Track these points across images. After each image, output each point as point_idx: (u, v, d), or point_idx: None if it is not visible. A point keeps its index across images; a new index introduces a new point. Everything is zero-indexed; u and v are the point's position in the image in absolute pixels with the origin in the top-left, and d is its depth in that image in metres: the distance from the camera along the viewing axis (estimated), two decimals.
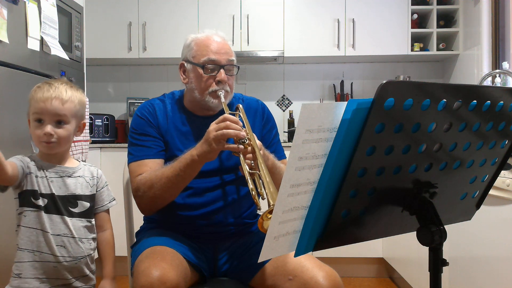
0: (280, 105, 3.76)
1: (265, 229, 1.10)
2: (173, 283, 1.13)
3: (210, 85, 1.43)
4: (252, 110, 1.55)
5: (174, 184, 1.33)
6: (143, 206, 1.43)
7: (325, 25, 3.36)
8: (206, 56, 1.43)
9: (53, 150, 1.27)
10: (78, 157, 2.42)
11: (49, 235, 1.25)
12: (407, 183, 0.81)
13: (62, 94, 1.26)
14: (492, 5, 2.97)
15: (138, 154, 1.43)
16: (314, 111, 0.67)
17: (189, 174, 1.32)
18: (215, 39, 1.46)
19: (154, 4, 3.38)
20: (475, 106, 0.77)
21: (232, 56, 1.47)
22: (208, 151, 1.26)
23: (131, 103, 3.48)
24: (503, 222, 1.64)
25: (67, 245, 1.27)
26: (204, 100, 1.44)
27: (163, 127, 1.46)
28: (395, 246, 2.83)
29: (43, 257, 1.25)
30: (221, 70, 1.42)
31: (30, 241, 1.24)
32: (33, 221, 1.25)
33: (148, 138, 1.44)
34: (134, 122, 1.49)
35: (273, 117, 1.61)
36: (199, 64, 1.43)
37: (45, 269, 1.25)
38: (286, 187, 0.70)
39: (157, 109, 1.49)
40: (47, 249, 1.25)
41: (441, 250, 0.83)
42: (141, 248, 1.30)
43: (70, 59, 2.42)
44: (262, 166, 1.21)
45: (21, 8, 1.96)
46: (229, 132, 1.23)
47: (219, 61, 1.43)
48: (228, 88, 1.45)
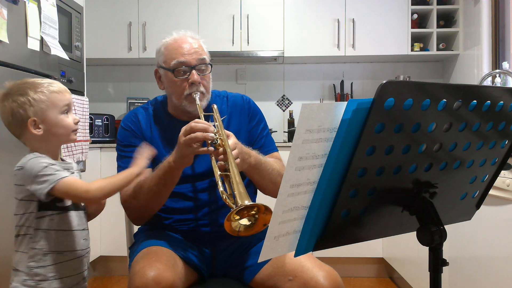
0: (280, 105, 3.76)
1: (234, 230, 1.09)
2: (168, 283, 1.13)
3: (184, 89, 1.40)
4: (237, 107, 1.53)
5: (157, 193, 1.33)
6: (132, 217, 1.44)
7: (325, 25, 3.36)
8: (175, 59, 1.39)
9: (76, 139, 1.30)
10: (78, 157, 2.42)
11: (77, 232, 1.26)
12: (407, 183, 0.81)
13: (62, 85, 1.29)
14: (492, 5, 2.97)
15: (125, 166, 1.42)
16: (314, 111, 0.67)
17: (169, 181, 1.31)
18: (184, 41, 1.42)
19: (154, 4, 3.38)
20: (475, 106, 0.77)
21: (203, 55, 1.43)
22: (181, 157, 1.25)
23: (131, 103, 3.48)
24: (503, 222, 1.64)
25: (87, 237, 1.31)
26: (181, 105, 1.42)
27: (148, 136, 1.46)
28: (395, 246, 2.83)
29: (74, 254, 1.26)
30: (193, 71, 1.39)
31: (59, 242, 1.23)
32: (61, 222, 1.24)
33: (134, 149, 1.42)
34: (119, 134, 1.49)
35: (260, 110, 1.58)
36: (169, 69, 1.41)
37: (74, 267, 1.26)
38: (286, 187, 0.70)
39: (141, 118, 1.49)
40: (75, 245, 1.26)
41: (441, 250, 0.83)
42: (138, 249, 1.31)
43: (70, 59, 2.42)
44: (232, 166, 1.18)
45: (21, 8, 1.95)
46: (197, 135, 1.21)
47: (189, 62, 1.40)
48: (203, 89, 1.42)
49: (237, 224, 1.09)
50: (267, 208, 1.08)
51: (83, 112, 2.48)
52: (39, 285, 1.21)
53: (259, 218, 1.10)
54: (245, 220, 1.11)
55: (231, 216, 1.06)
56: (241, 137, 1.46)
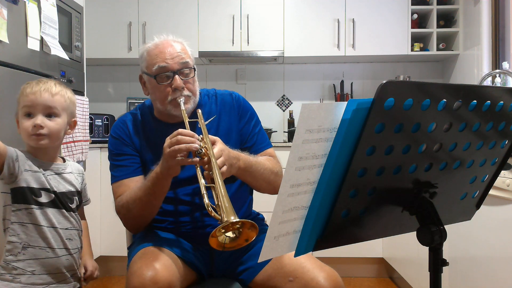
0: (280, 105, 3.76)
1: (221, 243, 1.07)
2: (165, 283, 1.13)
3: (168, 94, 1.38)
4: (227, 106, 1.51)
5: (148, 203, 1.32)
6: (127, 226, 1.44)
7: (325, 25, 3.36)
8: (157, 64, 1.37)
9: (42, 144, 1.26)
10: (78, 157, 2.42)
11: (58, 230, 1.28)
12: (407, 183, 0.81)
13: (51, 88, 1.28)
14: (492, 5, 2.97)
15: (118, 175, 1.42)
16: (314, 111, 0.67)
17: (159, 191, 1.30)
18: (166, 45, 1.40)
19: (154, 4, 3.38)
20: (475, 106, 0.77)
21: (185, 58, 1.40)
22: (167, 168, 1.23)
23: (131, 103, 3.48)
24: (503, 222, 1.64)
25: (73, 238, 1.32)
26: (166, 109, 1.40)
27: (137, 143, 1.45)
28: (395, 246, 2.83)
29: (55, 252, 1.27)
30: (175, 76, 1.37)
31: (34, 237, 1.25)
32: (38, 218, 1.25)
33: (125, 157, 1.43)
34: (110, 143, 1.48)
35: (251, 106, 1.55)
36: (151, 75, 1.39)
37: (56, 265, 1.27)
38: (286, 187, 0.70)
39: (130, 125, 1.47)
40: (55, 243, 1.27)
41: (441, 250, 0.83)
42: (136, 249, 1.30)
43: (70, 59, 2.42)
44: (218, 177, 1.15)
45: (21, 8, 1.95)
46: (180, 147, 1.18)
47: (171, 67, 1.37)
48: (188, 92, 1.39)
49: (223, 237, 1.07)
50: (253, 225, 1.07)
51: (83, 112, 2.48)
52: (16, 279, 1.23)
53: (243, 233, 1.08)
54: (230, 233, 1.09)
55: (216, 232, 1.05)
56: (232, 137, 1.45)
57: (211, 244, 1.06)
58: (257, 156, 1.43)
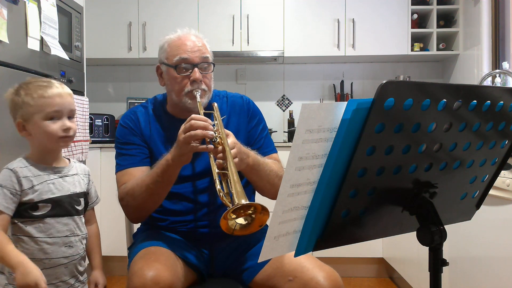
0: (280, 105, 3.76)
1: (230, 228, 1.08)
2: (166, 283, 1.13)
3: (185, 86, 1.39)
4: (237, 107, 1.53)
5: (155, 191, 1.32)
6: (129, 216, 1.44)
7: (325, 25, 3.36)
8: (178, 55, 1.39)
9: (66, 146, 1.28)
10: (78, 157, 2.42)
11: (56, 239, 1.25)
12: (407, 183, 0.81)
13: (68, 89, 1.27)
14: (492, 5, 2.97)
15: (123, 163, 1.43)
16: (314, 111, 0.67)
17: (167, 180, 1.30)
18: (188, 38, 1.43)
19: (154, 4, 3.38)
20: (475, 106, 0.77)
21: (206, 53, 1.43)
22: (180, 154, 1.24)
23: (131, 103, 3.48)
24: (503, 222, 1.64)
25: (74, 244, 1.28)
26: (181, 101, 1.42)
27: (146, 135, 1.46)
28: (395, 246, 2.82)
29: (53, 262, 1.25)
30: (195, 69, 1.39)
31: (33, 250, 1.23)
32: (36, 230, 1.23)
33: (132, 146, 1.43)
34: (118, 132, 1.48)
35: (260, 111, 1.58)
36: (171, 65, 1.41)
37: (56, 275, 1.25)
38: (286, 187, 0.70)
39: (140, 116, 1.48)
40: (53, 253, 1.24)
41: (441, 250, 0.83)
42: (137, 249, 1.30)
43: (70, 59, 2.42)
44: (230, 165, 1.18)
45: (21, 8, 1.95)
46: (196, 133, 1.20)
47: (192, 59, 1.39)
48: (205, 86, 1.42)
49: (233, 222, 1.08)
50: (264, 208, 1.08)
51: (83, 112, 2.48)
52: None
53: (256, 218, 1.09)
54: (241, 219, 1.10)
55: (227, 215, 1.06)
56: (240, 137, 1.45)
57: (222, 227, 1.06)
58: (264, 158, 1.44)
